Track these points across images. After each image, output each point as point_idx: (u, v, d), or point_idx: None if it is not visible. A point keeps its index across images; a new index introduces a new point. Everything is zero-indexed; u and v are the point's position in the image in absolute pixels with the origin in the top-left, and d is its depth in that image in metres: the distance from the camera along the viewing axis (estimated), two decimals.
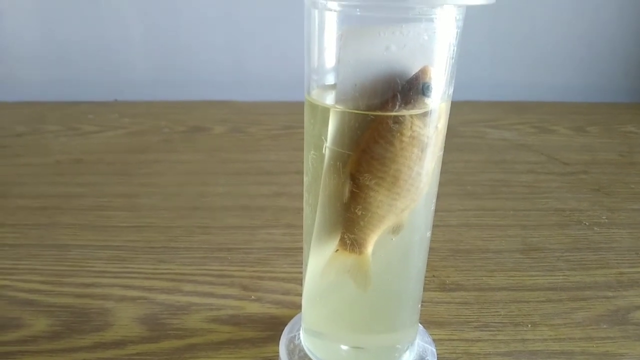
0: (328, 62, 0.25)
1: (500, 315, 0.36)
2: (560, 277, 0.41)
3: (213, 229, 0.48)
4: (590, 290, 0.39)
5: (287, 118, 0.81)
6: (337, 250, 0.26)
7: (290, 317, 0.35)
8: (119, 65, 0.96)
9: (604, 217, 0.51)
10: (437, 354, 0.31)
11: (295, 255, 0.44)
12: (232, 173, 0.62)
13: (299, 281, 0.40)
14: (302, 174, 0.65)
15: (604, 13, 0.91)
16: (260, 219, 0.50)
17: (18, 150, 0.69)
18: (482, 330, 0.35)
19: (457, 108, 0.26)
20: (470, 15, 0.25)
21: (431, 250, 0.29)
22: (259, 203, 0.54)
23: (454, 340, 0.34)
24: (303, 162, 0.28)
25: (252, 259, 0.43)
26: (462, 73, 0.25)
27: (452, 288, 0.40)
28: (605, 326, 0.35)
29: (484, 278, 0.41)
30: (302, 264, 0.42)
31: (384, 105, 0.23)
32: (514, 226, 0.49)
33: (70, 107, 0.89)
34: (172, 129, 0.78)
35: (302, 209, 0.53)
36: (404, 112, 0.23)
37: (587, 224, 0.50)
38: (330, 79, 0.25)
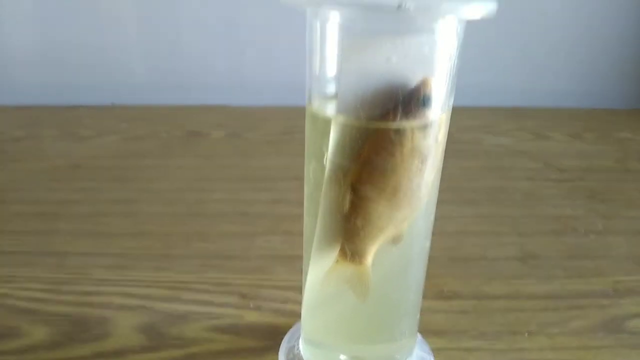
0: (329, 72, 0.25)
1: (498, 324, 0.37)
2: (557, 285, 0.41)
3: (211, 236, 0.48)
4: (586, 299, 0.40)
5: (285, 123, 0.81)
6: (338, 260, 0.26)
7: (289, 326, 0.35)
8: (116, 69, 0.96)
9: (599, 225, 0.51)
10: None
11: (294, 263, 0.44)
12: (230, 179, 0.62)
13: (298, 289, 0.40)
14: (301, 180, 0.64)
15: (600, 19, 0.92)
16: (259, 226, 0.51)
17: (16, 155, 0.69)
18: (479, 340, 0.35)
19: (454, 114, 0.26)
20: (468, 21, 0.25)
21: (429, 258, 0.30)
22: (257, 210, 0.54)
23: (451, 349, 0.34)
24: (302, 169, 0.27)
25: (251, 267, 0.44)
26: (458, 78, 0.25)
27: (449, 296, 0.40)
28: (601, 334, 0.36)
29: (481, 286, 0.41)
30: (300, 272, 0.42)
31: (385, 116, 0.23)
32: (511, 234, 0.49)
33: (68, 111, 0.89)
34: (169, 134, 0.78)
35: (300, 216, 0.53)
36: (404, 124, 0.23)
37: (582, 231, 0.50)
38: (331, 89, 0.25)
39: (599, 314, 0.38)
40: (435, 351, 0.33)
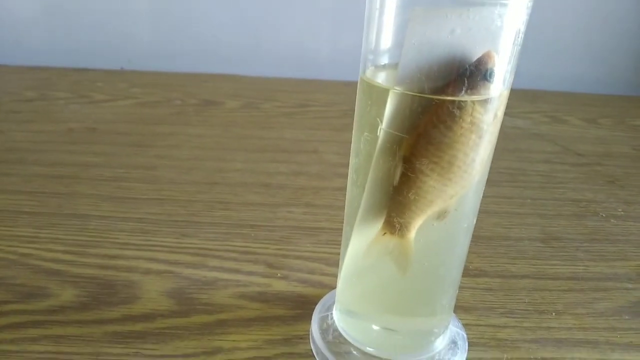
0: (385, 42, 0.24)
1: (525, 302, 0.37)
2: (581, 267, 0.42)
3: (234, 205, 0.48)
4: (610, 282, 0.40)
5: (300, 96, 0.80)
6: (385, 233, 0.26)
7: (318, 296, 0.35)
8: (125, 34, 0.95)
9: (619, 210, 0.51)
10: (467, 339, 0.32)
11: (317, 235, 0.44)
12: (249, 150, 0.61)
13: (324, 261, 0.41)
14: (318, 154, 0.64)
15: (619, 6, 0.91)
16: (281, 197, 0.50)
17: (29, 116, 0.68)
18: (508, 317, 0.35)
19: None
20: None
21: None
22: (278, 181, 0.54)
23: (481, 325, 0.34)
24: (318, 143, 0.27)
25: (275, 237, 0.43)
26: None
27: (476, 274, 0.40)
28: (627, 317, 0.36)
29: (506, 265, 0.41)
30: (325, 244, 0.43)
31: (446, 88, 0.22)
32: (532, 215, 0.49)
33: (78, 73, 0.88)
34: (184, 102, 0.77)
35: (320, 189, 0.53)
36: (466, 98, 0.22)
37: (603, 215, 0.50)
38: (385, 59, 0.25)
39: (623, 297, 0.38)
40: (465, 327, 0.33)
